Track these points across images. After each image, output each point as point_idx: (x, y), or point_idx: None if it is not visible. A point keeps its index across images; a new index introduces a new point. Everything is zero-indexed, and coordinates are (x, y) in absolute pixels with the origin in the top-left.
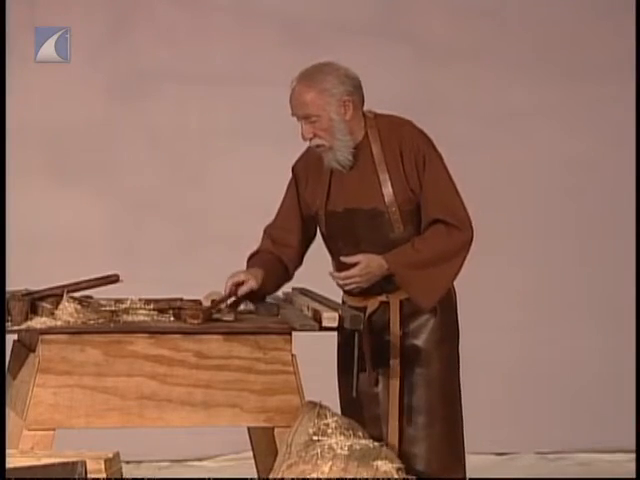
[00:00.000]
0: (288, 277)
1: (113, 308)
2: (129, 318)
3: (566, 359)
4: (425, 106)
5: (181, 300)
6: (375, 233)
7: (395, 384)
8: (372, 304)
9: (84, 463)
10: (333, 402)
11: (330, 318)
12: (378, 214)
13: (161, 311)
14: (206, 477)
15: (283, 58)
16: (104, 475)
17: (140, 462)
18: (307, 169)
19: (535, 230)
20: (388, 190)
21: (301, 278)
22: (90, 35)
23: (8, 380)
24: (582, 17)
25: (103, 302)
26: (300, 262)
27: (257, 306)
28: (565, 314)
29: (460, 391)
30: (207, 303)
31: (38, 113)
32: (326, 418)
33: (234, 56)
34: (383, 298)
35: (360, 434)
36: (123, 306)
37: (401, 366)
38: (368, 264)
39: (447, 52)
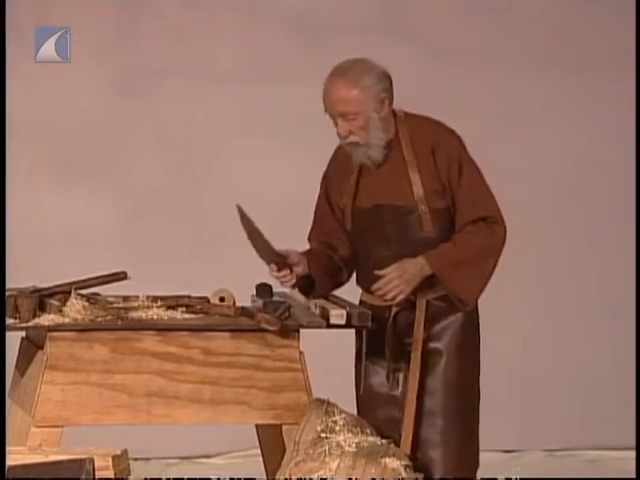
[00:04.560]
0: (342, 275)
1: (121, 305)
2: (137, 315)
3: (573, 356)
4: (431, 104)
5: (189, 297)
6: (404, 231)
7: (413, 386)
8: (399, 303)
9: (92, 460)
10: (341, 399)
11: (337, 315)
12: (408, 212)
13: (169, 308)
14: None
15: (290, 56)
16: (112, 472)
17: (148, 459)
18: (335, 171)
19: (542, 227)
20: (418, 188)
21: None
22: (96, 32)
23: (16, 377)
24: (590, 14)
25: (111, 299)
26: (353, 264)
27: (265, 303)
28: (572, 311)
29: (479, 398)
30: (215, 300)
31: (44, 111)
32: (334, 415)
33: (241, 53)
34: (410, 297)
35: (368, 431)
36: (131, 303)
37: (421, 369)
38: (401, 266)
39: (453, 50)
